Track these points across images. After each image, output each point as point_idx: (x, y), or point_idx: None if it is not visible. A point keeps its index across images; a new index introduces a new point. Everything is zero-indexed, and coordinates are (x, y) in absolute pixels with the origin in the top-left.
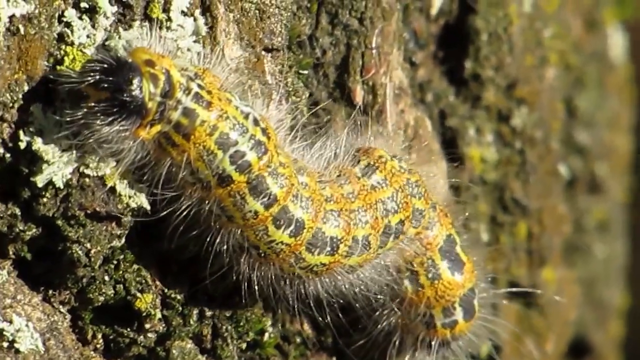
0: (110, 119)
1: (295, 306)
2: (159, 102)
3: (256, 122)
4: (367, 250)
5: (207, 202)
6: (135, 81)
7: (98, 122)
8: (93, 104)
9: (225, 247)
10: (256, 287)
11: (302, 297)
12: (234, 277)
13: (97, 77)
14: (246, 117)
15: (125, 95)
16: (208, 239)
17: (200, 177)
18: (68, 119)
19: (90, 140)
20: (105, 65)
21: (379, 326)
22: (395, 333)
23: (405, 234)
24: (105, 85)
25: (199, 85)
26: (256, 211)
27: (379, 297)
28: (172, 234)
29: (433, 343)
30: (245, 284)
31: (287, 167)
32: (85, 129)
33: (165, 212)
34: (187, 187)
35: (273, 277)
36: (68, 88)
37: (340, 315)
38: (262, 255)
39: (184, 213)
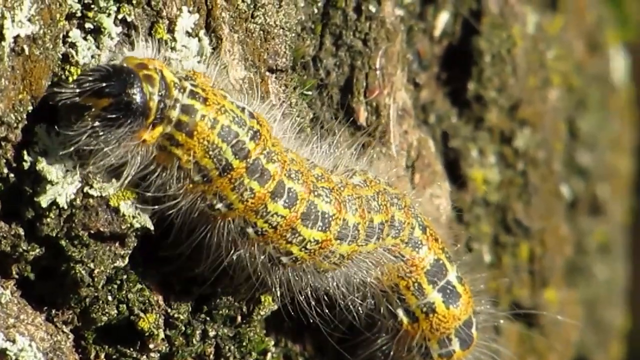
0: (116, 123)
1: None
2: (158, 100)
3: (252, 115)
4: (356, 240)
5: (207, 195)
6: (135, 83)
7: (104, 129)
8: (98, 112)
9: (224, 238)
10: (251, 272)
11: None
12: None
13: (97, 85)
14: (242, 110)
15: (127, 98)
16: (208, 235)
17: (207, 173)
18: (73, 133)
19: (98, 151)
20: (102, 74)
21: (377, 354)
22: None
23: (384, 239)
24: (107, 92)
25: (193, 84)
26: (252, 188)
27: (375, 317)
28: (175, 239)
29: None
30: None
31: (276, 145)
32: (92, 139)
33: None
34: (186, 185)
35: (268, 262)
36: (70, 102)
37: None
38: (259, 232)
39: (185, 208)
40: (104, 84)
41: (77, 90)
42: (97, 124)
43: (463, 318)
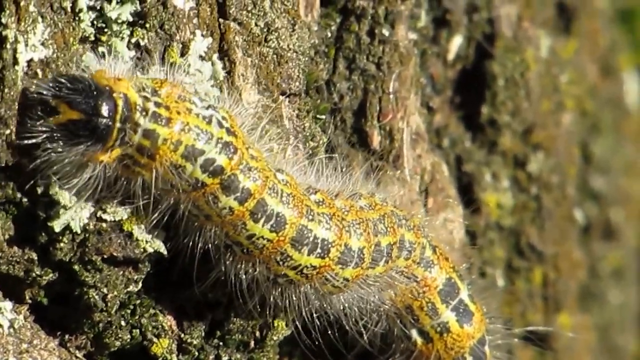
0: (75, 139)
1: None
2: (119, 128)
3: (220, 124)
4: (361, 264)
5: (182, 203)
6: (108, 111)
7: (63, 138)
8: (64, 120)
9: (208, 246)
10: (245, 289)
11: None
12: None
13: (74, 97)
14: (209, 122)
15: (95, 121)
16: (192, 241)
17: (174, 184)
18: (33, 128)
19: (46, 159)
20: (83, 87)
21: None
22: None
23: (394, 261)
24: (81, 108)
25: (156, 103)
26: (231, 207)
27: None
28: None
29: None
30: (236, 285)
31: (260, 160)
32: (48, 142)
33: (147, 220)
34: (161, 192)
35: (262, 279)
36: (40, 98)
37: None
38: (245, 252)
39: (163, 215)
40: (80, 98)
41: (53, 91)
42: (58, 130)
43: (477, 336)
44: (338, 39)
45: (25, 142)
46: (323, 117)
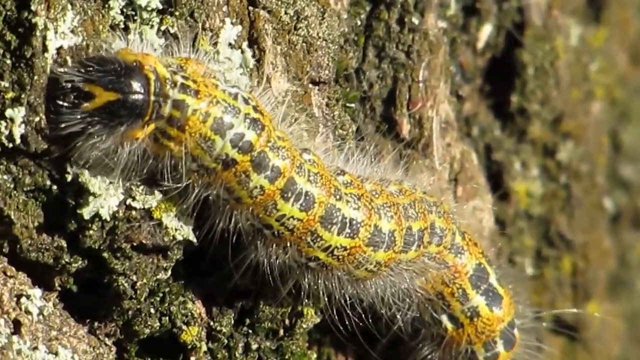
0: (115, 120)
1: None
2: (154, 101)
3: (246, 101)
4: (393, 247)
5: (213, 187)
6: (143, 85)
7: (103, 121)
8: (102, 103)
9: (238, 232)
10: (277, 275)
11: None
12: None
13: (108, 78)
14: (235, 97)
15: (132, 98)
16: (221, 225)
17: (204, 164)
18: (69, 116)
19: (87, 141)
20: (114, 67)
21: None
22: None
23: (426, 247)
24: (117, 87)
25: (184, 77)
26: (262, 186)
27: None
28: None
29: None
30: (268, 271)
31: (286, 140)
32: (87, 126)
33: (178, 207)
34: (192, 176)
35: (294, 264)
36: (71, 85)
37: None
38: (276, 234)
39: (195, 202)
40: (114, 78)
41: (84, 76)
42: (96, 114)
43: (507, 320)
44: (368, 27)
45: (65, 131)
46: (352, 105)
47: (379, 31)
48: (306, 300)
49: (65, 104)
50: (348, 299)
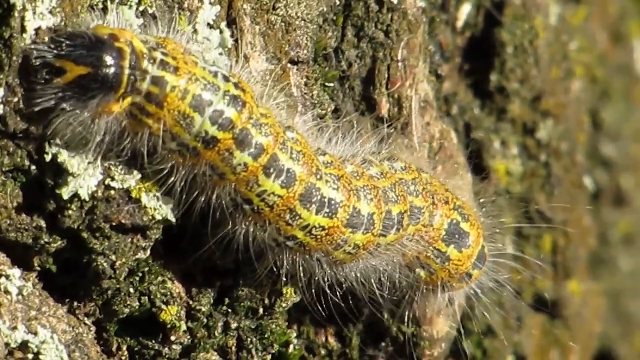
0: (88, 94)
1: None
2: (129, 74)
3: (226, 79)
4: (372, 230)
5: (198, 166)
6: (114, 57)
7: (75, 95)
8: (73, 78)
9: (221, 206)
10: (256, 253)
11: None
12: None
13: (78, 52)
14: (215, 75)
15: (104, 70)
16: (202, 200)
17: (184, 142)
18: (42, 92)
19: (63, 117)
20: (83, 41)
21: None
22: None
23: (406, 230)
24: (87, 61)
25: (163, 53)
26: (245, 163)
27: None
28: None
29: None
30: (246, 249)
31: (269, 117)
32: (61, 102)
33: (164, 189)
34: (175, 157)
35: (272, 243)
36: (44, 61)
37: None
38: (255, 210)
39: (181, 184)
40: (84, 52)
41: (55, 52)
42: (69, 88)
43: (476, 252)
44: (346, 7)
45: (39, 107)
46: (331, 85)
47: (357, 11)
48: (285, 280)
49: (38, 81)
50: (327, 281)
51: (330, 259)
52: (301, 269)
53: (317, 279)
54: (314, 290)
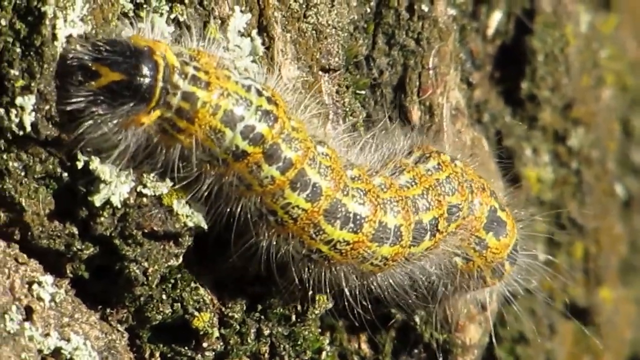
0: (119, 100)
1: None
2: (161, 87)
3: (259, 93)
4: (400, 242)
5: (226, 177)
6: (149, 68)
7: (107, 101)
8: (106, 83)
9: (246, 216)
10: (280, 263)
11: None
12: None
13: (114, 58)
14: (248, 89)
15: (138, 80)
16: (228, 210)
17: (214, 154)
18: (75, 93)
19: (92, 121)
20: (121, 48)
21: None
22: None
23: (442, 232)
24: (122, 68)
25: (195, 67)
26: (272, 176)
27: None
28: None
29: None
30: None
31: (301, 131)
32: (91, 105)
33: (190, 195)
34: (204, 166)
35: (296, 255)
36: (81, 63)
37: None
38: (279, 222)
39: (207, 191)
40: (120, 59)
41: (93, 55)
42: (101, 92)
43: (512, 243)
44: (377, 14)
45: (69, 107)
46: (363, 92)
47: (388, 18)
48: (311, 292)
49: (72, 82)
50: (356, 292)
51: (357, 271)
52: (327, 280)
53: (346, 289)
54: (345, 297)
